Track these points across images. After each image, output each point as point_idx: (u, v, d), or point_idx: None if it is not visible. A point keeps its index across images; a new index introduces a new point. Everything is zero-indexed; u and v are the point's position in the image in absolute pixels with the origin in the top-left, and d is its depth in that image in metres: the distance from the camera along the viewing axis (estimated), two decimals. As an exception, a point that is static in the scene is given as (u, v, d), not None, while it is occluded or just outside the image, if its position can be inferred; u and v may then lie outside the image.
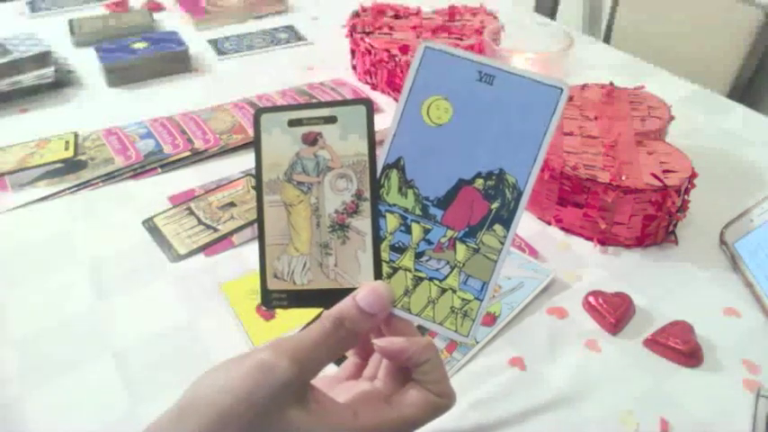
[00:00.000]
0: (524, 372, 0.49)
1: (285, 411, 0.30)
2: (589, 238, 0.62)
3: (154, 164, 0.75)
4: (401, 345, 0.33)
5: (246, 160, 0.76)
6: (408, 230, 0.36)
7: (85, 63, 0.99)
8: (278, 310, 0.54)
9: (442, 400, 0.34)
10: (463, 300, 0.35)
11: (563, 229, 0.64)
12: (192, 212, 0.67)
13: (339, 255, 0.36)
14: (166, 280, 0.59)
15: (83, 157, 0.76)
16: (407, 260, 0.36)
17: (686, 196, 0.61)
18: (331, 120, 0.36)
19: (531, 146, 0.35)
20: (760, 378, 0.49)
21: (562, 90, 0.34)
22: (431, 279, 0.35)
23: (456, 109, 0.36)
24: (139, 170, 0.74)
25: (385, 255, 0.36)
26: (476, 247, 0.35)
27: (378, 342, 0.33)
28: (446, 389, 0.34)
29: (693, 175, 0.59)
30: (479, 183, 0.35)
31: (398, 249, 0.36)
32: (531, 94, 0.35)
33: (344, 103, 0.36)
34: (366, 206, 0.36)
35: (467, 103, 0.36)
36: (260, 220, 0.37)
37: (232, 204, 0.68)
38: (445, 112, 0.36)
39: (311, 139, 0.36)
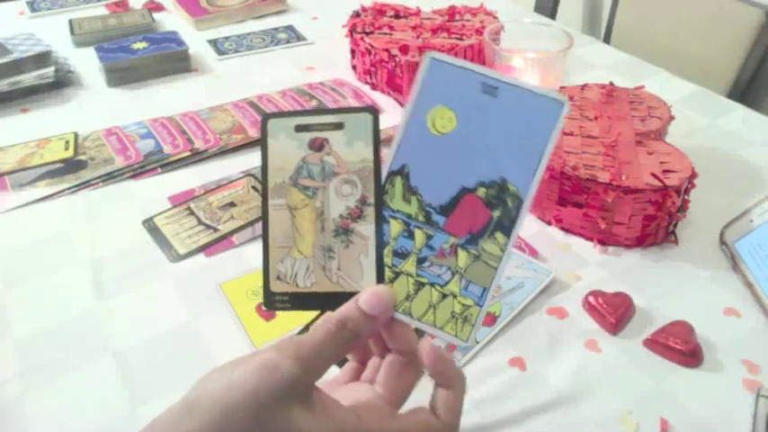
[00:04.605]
0: (524, 372, 0.49)
1: (290, 411, 0.31)
2: (589, 238, 0.62)
3: (154, 164, 0.75)
4: (446, 355, 0.34)
5: (246, 160, 0.76)
6: (411, 236, 0.36)
7: (85, 63, 0.99)
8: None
9: (445, 430, 0.35)
10: (463, 305, 0.36)
11: (563, 229, 0.64)
12: (192, 212, 0.67)
13: (342, 258, 0.36)
14: (166, 280, 0.59)
15: (83, 157, 0.76)
16: (410, 265, 0.36)
17: (686, 196, 0.61)
18: (338, 126, 0.36)
19: (533, 157, 0.35)
20: (760, 378, 0.49)
21: (563, 104, 0.35)
22: (432, 284, 0.36)
23: (460, 119, 0.36)
24: (139, 170, 0.74)
25: (388, 260, 0.36)
26: (477, 253, 0.36)
27: (425, 345, 0.34)
28: (456, 420, 0.35)
29: (693, 175, 0.59)
30: (481, 191, 0.36)
31: (401, 255, 0.36)
32: (533, 107, 0.35)
33: (351, 110, 0.37)
34: (370, 211, 0.36)
35: (470, 113, 0.36)
36: (264, 222, 0.37)
37: (232, 204, 0.68)
38: (449, 121, 0.36)
39: (318, 145, 0.36)
